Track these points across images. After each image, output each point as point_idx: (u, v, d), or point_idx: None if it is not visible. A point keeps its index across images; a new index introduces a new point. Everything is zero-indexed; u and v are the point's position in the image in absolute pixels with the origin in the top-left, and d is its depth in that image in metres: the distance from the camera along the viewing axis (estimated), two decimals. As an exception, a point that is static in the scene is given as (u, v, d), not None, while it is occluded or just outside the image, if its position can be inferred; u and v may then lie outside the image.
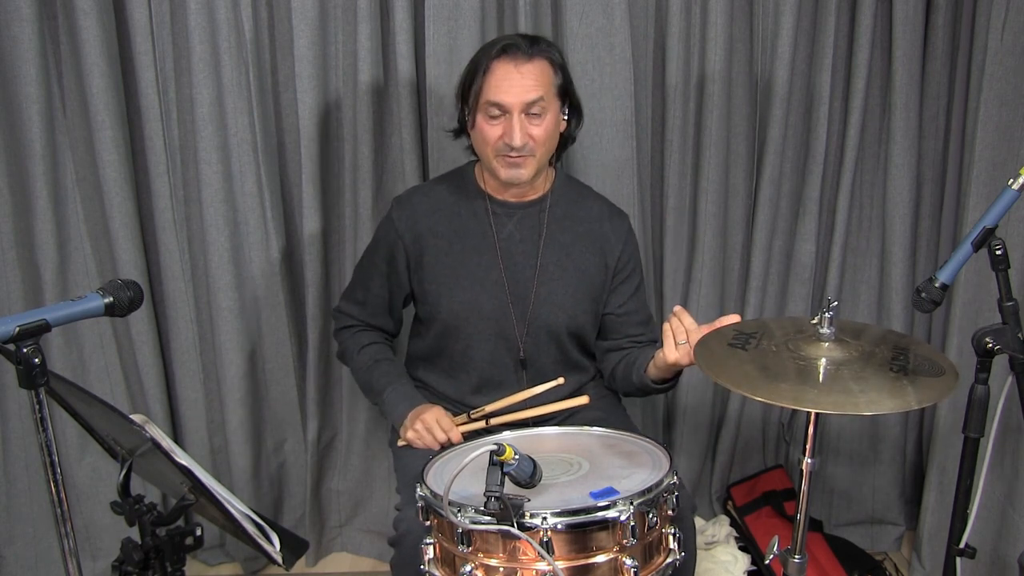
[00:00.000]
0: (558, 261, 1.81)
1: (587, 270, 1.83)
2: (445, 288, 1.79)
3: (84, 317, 1.23)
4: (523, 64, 1.64)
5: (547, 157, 1.74)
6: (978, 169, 2.03)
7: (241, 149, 2.11)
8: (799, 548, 1.50)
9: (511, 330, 1.80)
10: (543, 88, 1.66)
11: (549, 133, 1.69)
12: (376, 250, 1.87)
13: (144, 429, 1.19)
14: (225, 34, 2.03)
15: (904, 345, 1.48)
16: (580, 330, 1.85)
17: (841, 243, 2.30)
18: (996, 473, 2.02)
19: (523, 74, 1.64)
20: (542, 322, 1.80)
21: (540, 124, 1.66)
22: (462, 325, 1.79)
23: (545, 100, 1.66)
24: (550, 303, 1.80)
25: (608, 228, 1.85)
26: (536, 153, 1.68)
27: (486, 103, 1.65)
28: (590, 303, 1.84)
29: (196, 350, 2.26)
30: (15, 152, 2.04)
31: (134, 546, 1.31)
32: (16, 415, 2.18)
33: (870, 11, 2.12)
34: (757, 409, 2.43)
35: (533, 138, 1.66)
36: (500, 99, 1.63)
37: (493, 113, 1.65)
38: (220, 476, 2.31)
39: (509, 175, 1.69)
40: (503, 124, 1.65)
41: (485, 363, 1.82)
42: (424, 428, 1.71)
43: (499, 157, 1.68)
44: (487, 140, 1.67)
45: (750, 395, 1.31)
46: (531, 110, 1.65)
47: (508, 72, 1.64)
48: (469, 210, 1.80)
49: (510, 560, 1.26)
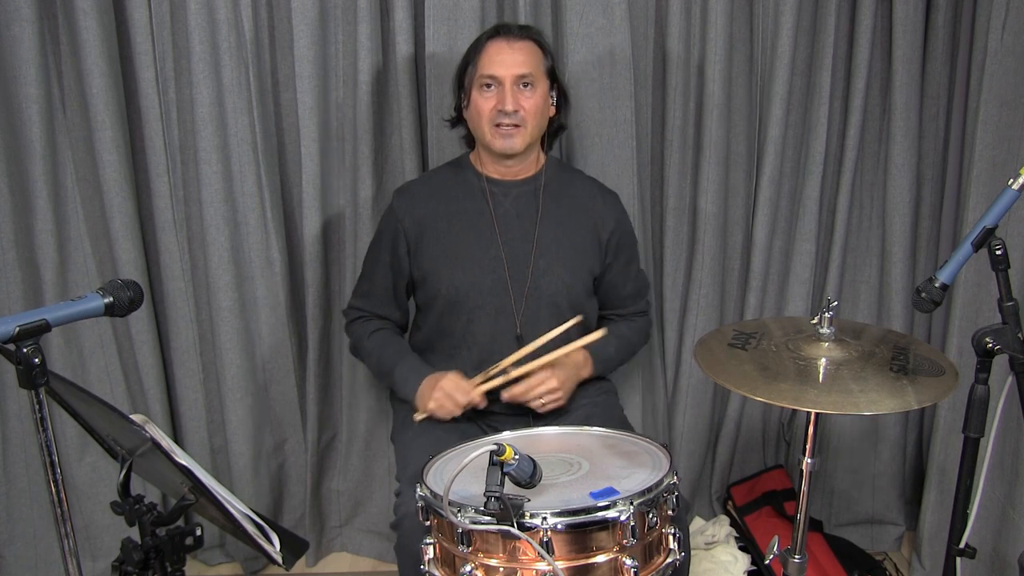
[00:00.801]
0: (555, 236, 1.86)
1: (582, 244, 1.88)
2: (445, 267, 1.83)
3: (84, 317, 1.23)
4: (515, 42, 1.79)
5: (538, 133, 1.83)
6: (978, 169, 2.03)
7: (241, 149, 2.11)
8: (799, 548, 1.51)
9: (509, 305, 1.83)
10: (532, 64, 1.79)
11: (539, 107, 1.80)
12: (379, 241, 1.93)
13: (144, 429, 1.19)
14: (225, 34, 2.03)
15: (904, 345, 1.48)
16: (577, 305, 1.89)
17: (841, 243, 2.30)
18: (996, 473, 2.02)
19: (515, 50, 1.78)
20: (539, 297, 1.84)
21: (531, 96, 1.78)
22: (463, 301, 1.83)
23: (535, 76, 1.79)
24: (548, 277, 1.84)
25: (601, 203, 1.94)
26: (527, 124, 1.78)
27: (480, 77, 1.78)
28: (586, 276, 1.90)
29: (196, 350, 2.26)
30: (15, 152, 2.04)
31: (134, 546, 1.31)
32: (16, 415, 2.18)
33: (870, 11, 2.12)
34: (757, 409, 2.43)
35: (524, 108, 1.77)
36: (494, 71, 1.76)
37: (487, 84, 1.77)
38: (220, 476, 2.31)
39: (503, 145, 1.78)
40: (496, 95, 1.77)
41: (486, 339, 1.85)
42: (444, 395, 1.74)
43: (493, 128, 1.78)
44: (482, 112, 1.78)
45: (750, 395, 1.31)
46: (522, 83, 1.77)
47: (500, 48, 1.78)
48: (466, 191, 1.87)
49: (510, 560, 1.26)
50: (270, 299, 2.22)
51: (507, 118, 1.76)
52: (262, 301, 2.22)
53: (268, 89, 2.13)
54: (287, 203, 2.23)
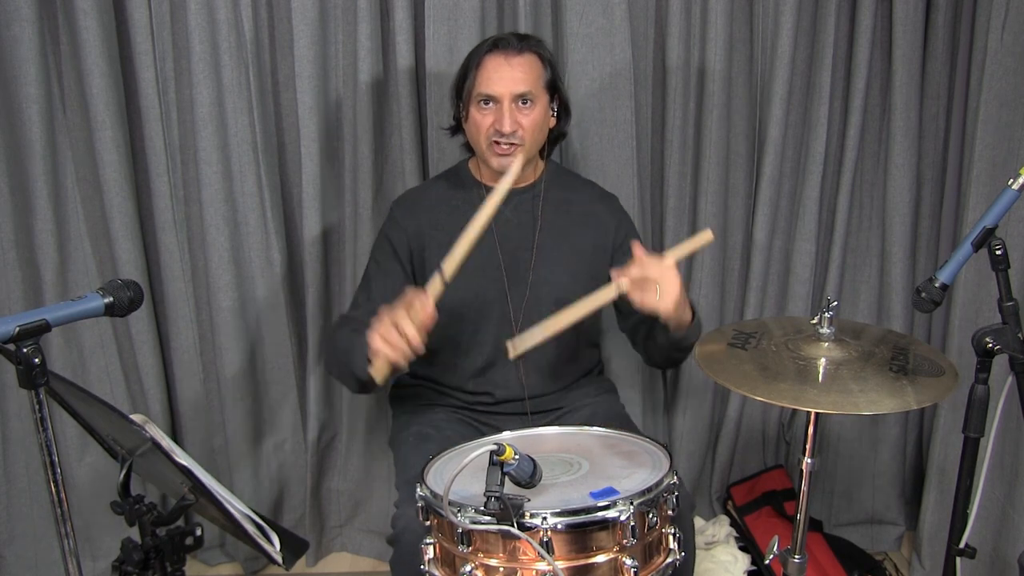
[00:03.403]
0: (555, 243, 1.84)
1: (584, 250, 1.86)
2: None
3: (84, 317, 1.23)
4: (513, 57, 1.72)
5: (535, 148, 1.80)
6: (978, 169, 2.03)
7: (241, 149, 2.11)
8: (799, 548, 1.51)
9: (509, 314, 1.82)
10: (532, 81, 1.73)
11: (537, 124, 1.75)
12: (380, 250, 1.87)
13: (144, 429, 1.19)
14: (225, 34, 2.03)
15: (904, 345, 1.48)
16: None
17: (841, 243, 2.30)
18: (996, 473, 2.02)
19: (513, 66, 1.72)
20: (539, 305, 1.82)
21: (529, 114, 1.73)
22: (464, 311, 1.81)
23: (534, 92, 1.73)
24: (548, 285, 1.83)
25: (601, 208, 1.91)
26: (525, 143, 1.74)
27: (478, 95, 1.72)
28: (587, 282, 1.83)
29: (196, 350, 2.26)
30: (15, 152, 2.04)
31: (134, 546, 1.31)
32: (16, 415, 2.18)
33: (870, 11, 2.12)
34: (757, 409, 2.43)
35: (522, 126, 1.72)
36: (491, 90, 1.71)
37: (484, 103, 1.72)
38: (220, 476, 2.31)
39: (500, 164, 1.74)
40: (494, 113, 1.72)
41: (487, 348, 1.84)
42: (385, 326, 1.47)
43: (491, 146, 1.74)
44: (479, 129, 1.74)
45: (750, 395, 1.32)
46: (521, 100, 1.72)
47: (499, 65, 1.72)
48: (466, 200, 1.84)
49: (510, 560, 1.26)
50: (270, 299, 2.22)
51: (504, 138, 1.71)
52: (262, 301, 2.22)
53: (268, 89, 2.13)
54: (287, 203, 2.23)
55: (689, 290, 2.32)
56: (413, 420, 1.85)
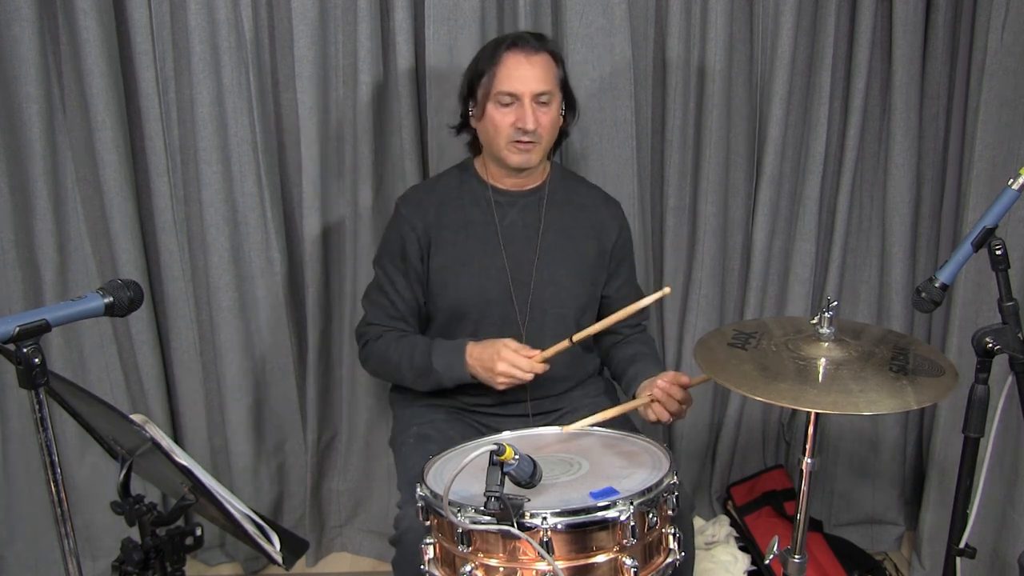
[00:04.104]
0: (559, 246, 1.85)
1: (586, 255, 1.87)
2: (452, 276, 1.81)
3: (84, 317, 1.23)
4: (533, 55, 1.73)
5: (550, 146, 1.82)
6: (978, 169, 2.03)
7: (241, 149, 2.11)
8: (799, 548, 1.50)
9: (514, 315, 1.82)
10: (550, 80, 1.74)
11: (554, 122, 1.78)
12: (388, 250, 1.85)
13: (144, 429, 1.19)
14: (225, 34, 2.03)
15: (904, 345, 1.48)
16: (579, 315, 1.87)
17: (841, 243, 2.30)
18: (996, 473, 2.02)
19: (533, 64, 1.72)
20: (542, 307, 1.83)
21: (548, 112, 1.75)
22: (469, 312, 1.82)
23: (551, 91, 1.75)
24: (551, 288, 1.83)
25: (605, 214, 1.92)
26: (543, 140, 1.75)
27: (498, 92, 1.72)
28: (589, 286, 1.89)
29: (196, 350, 2.26)
30: (15, 152, 2.04)
31: (134, 546, 1.31)
32: (16, 415, 2.18)
33: (870, 11, 2.12)
34: (757, 409, 2.43)
35: (541, 124, 1.73)
36: (513, 88, 1.71)
37: (504, 101, 1.72)
38: (220, 476, 2.31)
39: (520, 160, 1.75)
40: (515, 111, 1.72)
41: None
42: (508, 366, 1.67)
43: (510, 144, 1.74)
44: (499, 127, 1.73)
45: (750, 395, 1.31)
46: (540, 99, 1.72)
47: (519, 62, 1.72)
48: (472, 200, 1.84)
49: (510, 560, 1.26)
50: (270, 299, 2.22)
51: (526, 135, 1.72)
52: (262, 301, 2.22)
53: (268, 89, 2.13)
54: (287, 203, 2.23)
55: (689, 290, 2.33)
56: (414, 420, 1.85)
